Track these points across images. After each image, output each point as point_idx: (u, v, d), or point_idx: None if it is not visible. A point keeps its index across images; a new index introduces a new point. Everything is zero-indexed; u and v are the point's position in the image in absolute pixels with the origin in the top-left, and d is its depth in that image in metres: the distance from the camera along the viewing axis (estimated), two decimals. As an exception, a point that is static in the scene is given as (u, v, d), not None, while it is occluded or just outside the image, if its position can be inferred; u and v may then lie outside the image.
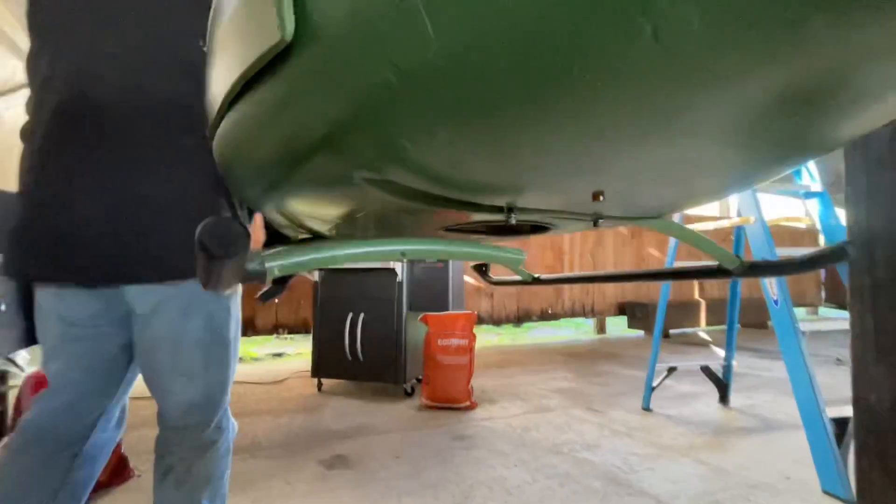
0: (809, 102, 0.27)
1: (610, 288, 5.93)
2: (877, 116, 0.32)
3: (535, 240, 5.42)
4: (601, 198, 0.40)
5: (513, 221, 0.43)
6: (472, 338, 2.62)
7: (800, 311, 8.09)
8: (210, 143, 0.43)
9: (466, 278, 4.77)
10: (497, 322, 5.24)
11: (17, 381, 1.62)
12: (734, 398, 2.64)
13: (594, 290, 5.81)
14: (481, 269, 1.13)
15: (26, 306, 0.91)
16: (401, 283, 2.73)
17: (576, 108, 0.26)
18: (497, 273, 1.15)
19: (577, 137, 0.29)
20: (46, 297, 0.86)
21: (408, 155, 0.31)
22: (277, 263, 0.24)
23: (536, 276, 0.94)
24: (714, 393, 2.65)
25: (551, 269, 5.47)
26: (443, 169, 0.34)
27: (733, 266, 0.59)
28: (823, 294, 8.20)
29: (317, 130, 0.30)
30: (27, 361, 1.62)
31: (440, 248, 0.26)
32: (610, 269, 5.92)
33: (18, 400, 1.58)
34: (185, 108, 0.80)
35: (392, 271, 2.74)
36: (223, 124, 0.36)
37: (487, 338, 5.97)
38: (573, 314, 5.64)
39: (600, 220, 0.51)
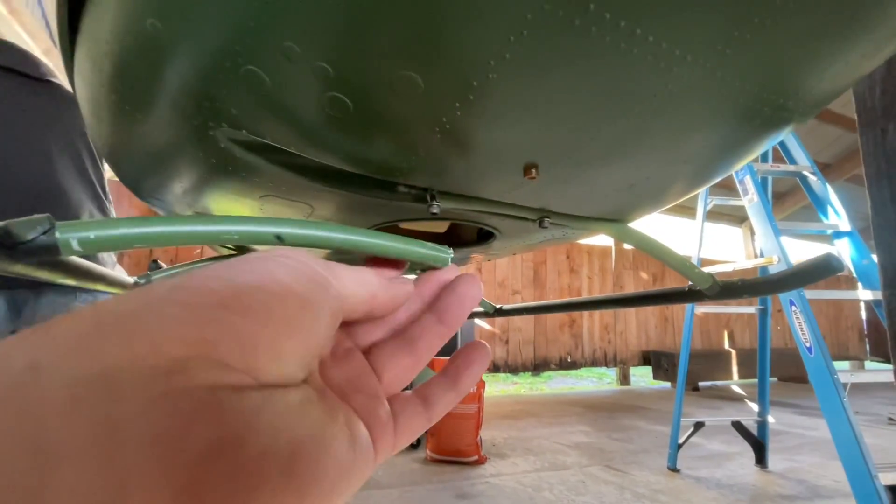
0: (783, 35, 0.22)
1: (632, 336, 5.67)
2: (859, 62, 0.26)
3: (553, 283, 5.30)
4: (534, 172, 0.34)
5: (435, 210, 0.37)
6: (482, 384, 2.48)
7: (843, 365, 7.52)
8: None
9: (479, 322, 4.64)
10: (514, 370, 5.03)
11: None
12: (773, 460, 2.38)
13: (615, 337, 5.56)
14: None
15: None
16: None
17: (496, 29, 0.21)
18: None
19: (484, 71, 0.24)
20: None
21: (264, 93, 0.25)
22: (78, 235, 0.18)
23: (498, 306, 0.87)
24: (750, 453, 2.40)
25: (569, 314, 5.28)
26: (316, 120, 0.28)
27: (706, 286, 0.51)
28: (868, 347, 7.64)
29: (153, 67, 0.25)
30: None
31: (332, 235, 0.20)
32: (629, 318, 5.69)
33: None
34: None
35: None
36: (76, 84, 0.31)
37: (503, 387, 5.72)
38: (594, 363, 5.37)
39: (546, 220, 0.44)
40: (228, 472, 0.11)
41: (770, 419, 2.35)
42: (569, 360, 5.22)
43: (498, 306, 0.88)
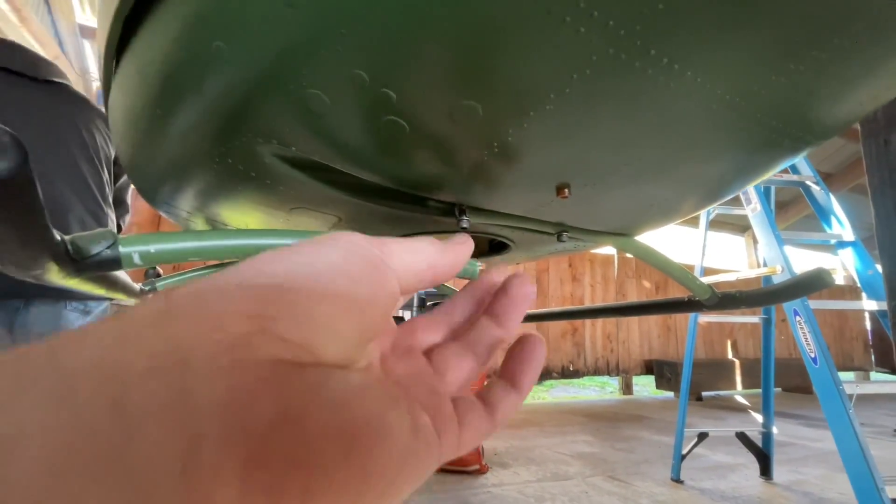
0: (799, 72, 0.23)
1: (635, 345, 5.63)
2: (868, 97, 0.27)
3: (555, 292, 5.28)
4: (567, 192, 0.35)
5: (465, 225, 0.38)
6: (483, 393, 2.47)
7: (848, 376, 7.45)
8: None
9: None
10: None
11: None
12: (779, 471, 2.35)
13: (618, 346, 5.53)
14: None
15: None
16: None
17: (542, 66, 0.23)
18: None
19: (543, 100, 0.25)
20: None
21: (322, 115, 0.26)
22: (139, 249, 0.19)
23: None
24: (754, 464, 2.37)
25: (571, 322, 5.26)
26: (367, 141, 0.29)
27: (705, 297, 0.52)
28: (873, 357, 7.57)
29: (211, 85, 0.25)
30: None
31: None
32: (632, 327, 5.67)
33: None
34: None
35: (401, 320, 2.66)
36: (112, 95, 0.31)
37: (505, 395, 5.67)
38: (596, 372, 5.34)
39: (564, 234, 0.45)
40: (293, 444, 0.12)
41: (774, 430, 2.33)
42: (571, 368, 5.19)
43: None
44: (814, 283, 0.45)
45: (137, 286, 0.45)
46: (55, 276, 0.19)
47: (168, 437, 0.10)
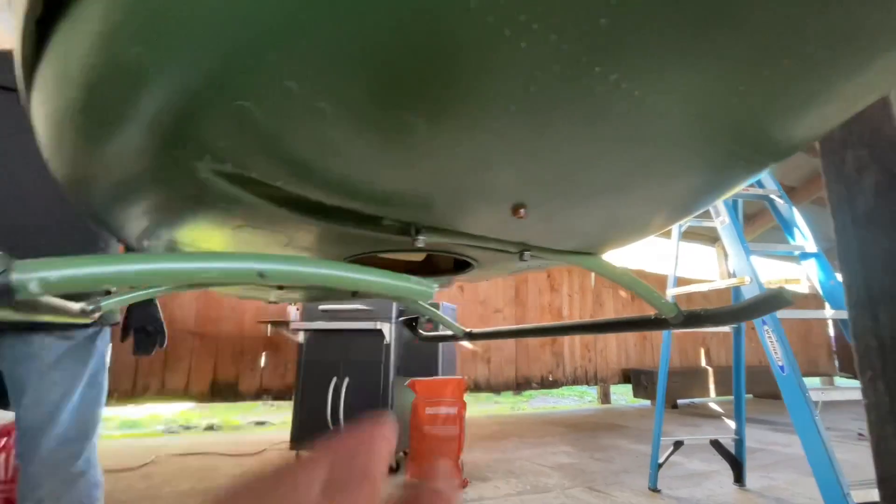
0: (758, 85, 0.23)
1: (613, 354, 5.71)
2: (832, 112, 0.28)
3: (534, 301, 5.32)
4: (523, 212, 0.34)
5: (420, 244, 0.37)
6: (463, 405, 2.45)
7: (814, 382, 7.71)
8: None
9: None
10: (496, 389, 4.99)
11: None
12: (751, 477, 2.40)
13: (596, 355, 5.59)
14: (411, 324, 1.05)
15: None
16: (388, 346, 2.61)
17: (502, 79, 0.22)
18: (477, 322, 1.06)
19: (497, 119, 0.25)
20: None
21: (259, 128, 0.25)
22: (35, 275, 0.17)
23: (468, 330, 0.86)
24: (728, 471, 2.41)
25: (550, 333, 5.30)
26: (312, 157, 0.27)
27: (671, 315, 0.53)
28: (837, 363, 7.87)
29: (134, 96, 0.23)
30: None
31: (317, 271, 0.20)
32: (609, 337, 5.75)
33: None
34: None
35: (379, 332, 2.62)
36: (33, 105, 0.29)
37: (485, 407, 5.65)
38: (575, 381, 5.38)
39: (526, 253, 0.45)
40: None
41: (746, 436, 2.38)
42: (550, 378, 5.21)
43: (468, 330, 0.88)
44: (773, 303, 0.46)
45: (77, 306, 0.42)
46: None
47: None
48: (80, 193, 0.36)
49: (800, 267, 2.01)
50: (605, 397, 5.71)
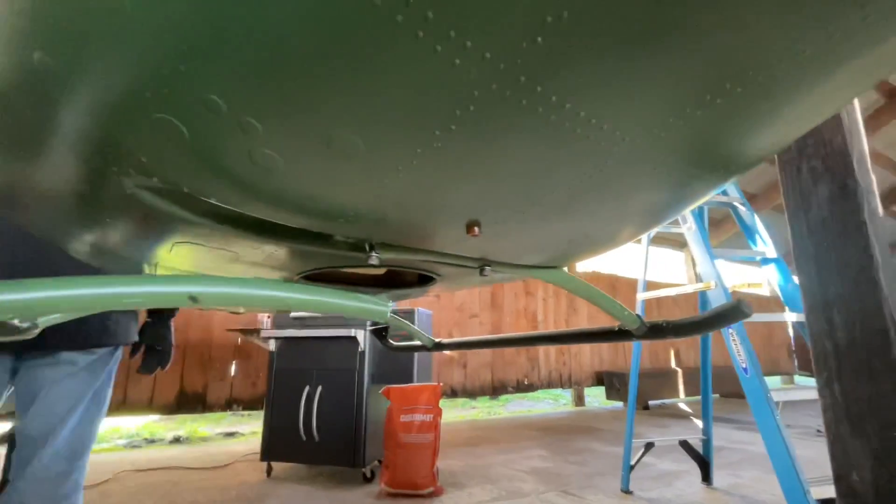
0: (719, 97, 0.23)
1: (586, 357, 5.80)
2: (791, 126, 0.28)
3: (510, 306, 5.36)
4: (477, 230, 0.33)
5: (374, 261, 0.36)
6: (438, 412, 2.43)
7: (775, 380, 8.05)
8: None
9: (437, 347, 4.59)
10: (472, 394, 4.99)
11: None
12: (718, 476, 2.47)
13: (570, 359, 5.67)
14: (381, 334, 1.04)
15: None
16: (363, 353, 2.57)
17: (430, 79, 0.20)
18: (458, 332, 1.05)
19: (441, 133, 0.23)
20: None
21: (187, 143, 0.23)
22: None
23: (438, 340, 0.86)
24: (697, 470, 2.48)
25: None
26: (246, 173, 0.26)
27: (634, 327, 0.54)
28: (796, 362, 8.24)
29: (44, 104, 0.22)
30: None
31: (257, 293, 0.18)
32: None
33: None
34: None
35: (353, 339, 2.58)
36: None
37: (462, 412, 5.64)
38: (549, 385, 5.44)
39: (487, 269, 0.45)
40: None
41: (713, 436, 2.45)
42: (526, 382, 5.25)
43: (437, 340, 0.87)
44: (733, 315, 0.47)
45: (15, 322, 0.38)
46: None
47: None
48: (9, 209, 0.34)
49: (761, 271, 2.10)
50: (579, 400, 5.79)
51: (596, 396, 6.28)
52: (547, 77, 0.20)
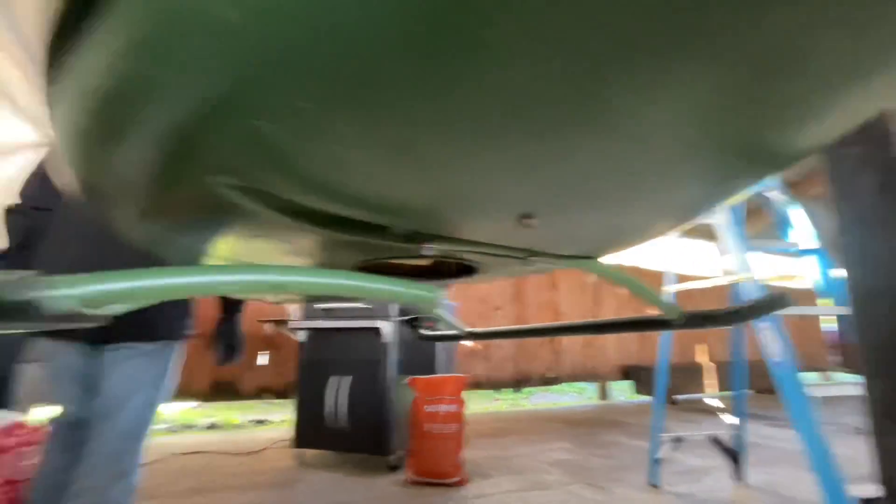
0: (766, 96, 0.23)
1: (612, 350, 5.72)
2: (838, 123, 0.28)
3: (533, 298, 5.33)
4: (530, 221, 0.34)
5: (426, 252, 0.37)
6: (462, 404, 2.45)
7: (811, 377, 7.74)
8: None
9: (461, 339, 4.61)
10: (495, 386, 5.00)
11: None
12: (751, 473, 2.41)
13: (595, 352, 5.60)
14: (412, 323, 1.05)
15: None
16: (387, 345, 2.61)
17: (502, 91, 0.22)
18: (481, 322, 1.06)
19: (503, 132, 0.25)
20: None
21: (272, 145, 0.25)
22: (61, 293, 0.17)
23: (471, 329, 0.87)
24: (727, 467, 2.42)
25: (550, 329, 5.31)
26: (323, 171, 0.28)
27: (673, 316, 0.54)
28: (835, 357, 7.90)
29: (152, 115, 0.24)
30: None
31: (323, 281, 0.20)
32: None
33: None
34: None
35: (378, 331, 2.62)
36: (54, 115, 0.29)
37: (485, 404, 5.67)
38: (574, 378, 5.39)
39: (531, 258, 0.45)
40: None
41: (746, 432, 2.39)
42: (550, 375, 5.23)
43: (469, 329, 0.88)
44: (774, 305, 0.47)
45: (90, 312, 0.42)
46: None
47: None
48: (97, 203, 0.37)
49: (799, 263, 2.02)
50: (604, 394, 5.72)
51: (622, 390, 6.19)
52: (615, 76, 0.21)
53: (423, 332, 1.02)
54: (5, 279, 0.17)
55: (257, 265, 0.21)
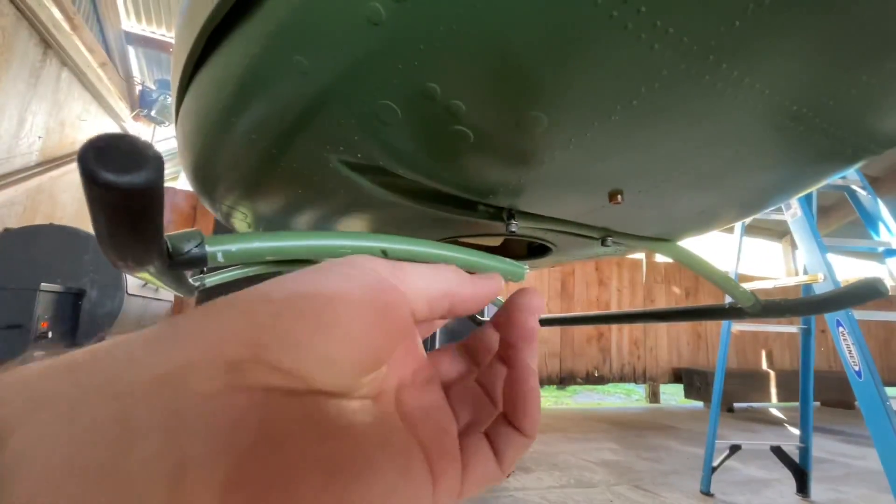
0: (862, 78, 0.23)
1: (663, 352, 5.48)
2: None
3: (580, 295, 5.20)
4: (619, 198, 0.35)
5: (513, 228, 0.39)
6: (507, 396, 2.45)
7: (894, 391, 7.02)
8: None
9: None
10: (539, 382, 4.94)
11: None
12: (816, 490, 2.24)
13: (645, 352, 5.39)
14: (473, 317, 1.06)
15: None
16: (434, 333, 2.65)
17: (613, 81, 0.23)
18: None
19: (609, 115, 0.26)
20: None
21: (393, 124, 0.27)
22: (222, 248, 0.20)
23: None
24: (790, 480, 2.27)
25: (597, 327, 5.17)
26: (433, 149, 0.30)
27: (748, 304, 0.51)
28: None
29: (287, 95, 0.27)
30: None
31: (429, 251, 0.22)
32: (660, 334, 5.52)
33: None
34: None
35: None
36: (185, 102, 0.33)
37: (528, 399, 5.62)
38: (622, 378, 5.22)
39: (609, 239, 0.45)
40: (271, 469, 0.12)
41: (812, 445, 2.22)
42: (596, 374, 5.10)
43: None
44: (866, 294, 0.43)
45: (192, 281, 0.47)
46: (145, 272, 0.20)
47: (159, 454, 0.11)
48: (205, 176, 0.41)
49: (882, 266, 1.84)
50: (653, 396, 5.50)
51: (672, 394, 5.93)
52: (733, 54, 0.21)
53: (479, 318, 1.04)
54: (183, 234, 0.20)
55: (366, 233, 0.23)
